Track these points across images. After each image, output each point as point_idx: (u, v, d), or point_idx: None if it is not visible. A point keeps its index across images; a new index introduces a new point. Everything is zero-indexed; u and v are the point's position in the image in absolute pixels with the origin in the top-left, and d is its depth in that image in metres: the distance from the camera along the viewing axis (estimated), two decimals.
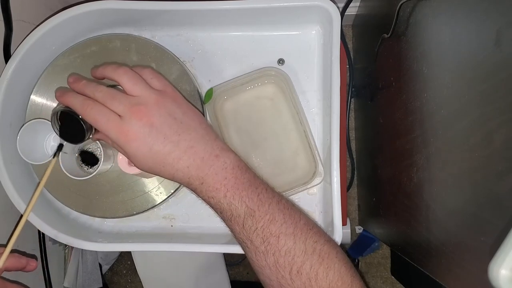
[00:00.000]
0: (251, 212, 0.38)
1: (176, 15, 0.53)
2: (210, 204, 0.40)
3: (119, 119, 0.38)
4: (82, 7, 0.50)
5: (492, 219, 0.32)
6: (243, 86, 0.54)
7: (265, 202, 0.39)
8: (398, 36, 0.55)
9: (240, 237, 0.40)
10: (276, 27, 0.55)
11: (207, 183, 0.39)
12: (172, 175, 0.40)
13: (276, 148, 0.54)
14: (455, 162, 0.40)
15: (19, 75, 0.51)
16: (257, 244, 0.38)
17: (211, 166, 0.39)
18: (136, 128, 0.38)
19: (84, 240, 0.51)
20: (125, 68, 0.40)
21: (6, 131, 0.50)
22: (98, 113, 0.38)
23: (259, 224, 0.38)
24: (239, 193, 0.39)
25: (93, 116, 0.38)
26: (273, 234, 0.38)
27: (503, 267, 0.25)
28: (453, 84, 0.39)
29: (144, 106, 0.38)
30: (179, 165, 0.39)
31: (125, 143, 0.38)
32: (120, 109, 0.38)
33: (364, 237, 1.01)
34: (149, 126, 0.38)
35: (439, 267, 0.46)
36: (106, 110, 0.38)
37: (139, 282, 0.74)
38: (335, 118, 0.49)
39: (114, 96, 0.39)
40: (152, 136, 0.38)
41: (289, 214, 0.39)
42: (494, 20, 0.31)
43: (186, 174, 0.39)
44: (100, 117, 0.38)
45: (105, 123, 0.38)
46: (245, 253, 0.41)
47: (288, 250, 0.38)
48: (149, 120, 0.38)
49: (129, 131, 0.38)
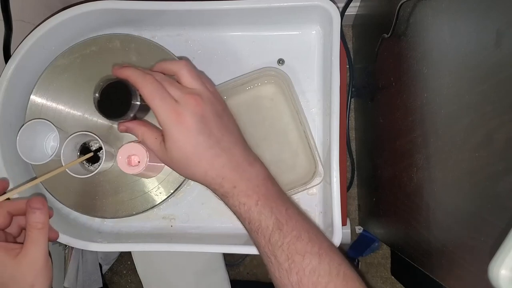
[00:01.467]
0: (280, 226, 0.38)
1: (176, 15, 0.53)
2: (239, 212, 0.40)
3: (174, 101, 0.39)
4: (82, 7, 0.50)
5: (492, 219, 0.32)
6: (243, 86, 0.54)
7: (292, 217, 0.39)
8: (398, 36, 0.55)
9: (264, 251, 0.39)
10: (276, 27, 0.55)
11: (240, 187, 0.39)
12: (205, 173, 0.39)
13: (276, 148, 0.54)
14: (455, 162, 0.40)
15: (19, 75, 0.51)
16: (281, 260, 0.38)
17: (245, 171, 0.40)
18: (189, 113, 0.38)
19: (84, 240, 0.51)
20: (186, 62, 0.41)
21: (6, 131, 0.50)
22: (156, 89, 0.39)
23: (285, 239, 0.38)
24: (270, 204, 0.39)
25: (150, 90, 0.38)
26: (298, 252, 0.38)
27: (503, 267, 0.25)
28: (453, 84, 0.39)
29: (200, 97, 0.39)
30: (215, 163, 0.39)
31: (174, 124, 0.38)
32: (177, 93, 0.39)
33: (364, 237, 1.01)
34: (200, 116, 0.39)
35: (439, 267, 0.46)
36: (164, 90, 0.39)
37: (139, 282, 0.74)
38: (335, 118, 0.48)
39: (172, 82, 0.40)
40: (201, 126, 0.39)
41: (315, 233, 0.39)
42: (494, 20, 0.31)
43: (220, 174, 0.39)
44: (156, 94, 0.38)
45: (160, 100, 0.38)
46: (267, 268, 0.41)
47: (313, 269, 0.37)
48: (201, 110, 0.39)
49: (182, 113, 0.38)
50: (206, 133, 0.39)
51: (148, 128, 0.42)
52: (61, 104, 0.51)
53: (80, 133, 0.48)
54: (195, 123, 0.38)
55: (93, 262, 0.97)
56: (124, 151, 0.46)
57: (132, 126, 0.43)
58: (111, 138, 0.52)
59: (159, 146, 0.41)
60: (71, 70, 0.51)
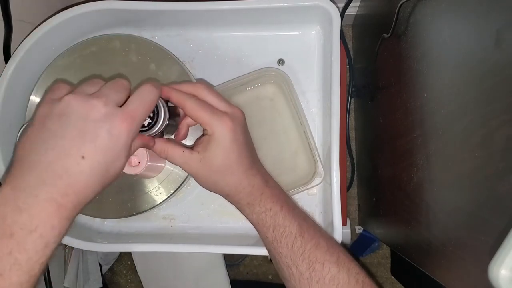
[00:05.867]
0: (302, 232, 0.39)
1: (176, 15, 0.53)
2: (264, 220, 0.40)
3: (222, 112, 0.40)
4: (82, 7, 0.50)
5: (492, 219, 0.32)
6: (243, 86, 0.54)
7: (310, 226, 0.41)
8: (398, 36, 0.55)
9: (285, 262, 0.40)
10: (276, 27, 0.55)
11: (266, 193, 0.41)
12: (239, 181, 0.40)
13: (276, 148, 0.54)
14: (455, 162, 0.40)
15: (19, 75, 0.50)
16: (302, 270, 0.39)
17: (268, 180, 0.42)
18: (238, 123, 0.40)
19: (84, 240, 0.51)
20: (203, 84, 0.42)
21: (6, 131, 0.50)
22: (202, 103, 0.39)
23: (306, 246, 0.39)
24: (291, 211, 0.40)
25: (197, 104, 0.39)
26: (318, 260, 0.38)
27: (503, 267, 0.25)
28: (453, 84, 0.39)
29: (240, 111, 0.41)
30: (249, 172, 0.41)
31: (226, 132, 0.39)
32: (223, 105, 0.40)
33: (364, 237, 1.01)
34: (244, 128, 0.41)
35: (439, 267, 0.46)
36: (209, 104, 0.40)
37: (139, 282, 0.74)
38: (335, 118, 0.48)
39: (217, 95, 0.41)
40: (245, 136, 0.41)
41: (331, 243, 0.40)
42: (494, 20, 0.31)
43: (251, 182, 0.41)
44: (204, 106, 0.39)
45: (210, 111, 0.39)
46: (285, 281, 0.41)
47: (332, 278, 0.38)
48: (244, 122, 0.41)
49: (232, 123, 0.39)
50: (247, 143, 0.41)
51: (172, 144, 0.41)
52: None
53: None
54: (243, 133, 0.40)
55: (93, 262, 0.97)
56: None
57: (158, 145, 0.41)
58: None
59: (190, 157, 0.40)
60: (71, 70, 0.51)
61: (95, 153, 0.31)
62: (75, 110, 0.32)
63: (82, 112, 0.31)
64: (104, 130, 0.31)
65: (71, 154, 0.31)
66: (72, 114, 0.31)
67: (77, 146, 0.31)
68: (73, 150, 0.31)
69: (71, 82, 0.51)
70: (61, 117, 0.31)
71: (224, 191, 0.41)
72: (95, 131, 0.31)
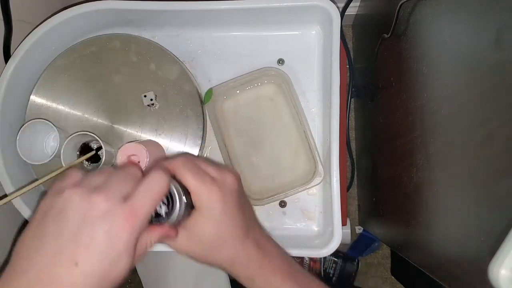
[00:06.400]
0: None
1: (176, 15, 0.53)
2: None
3: (212, 179, 0.36)
4: (82, 7, 0.50)
5: (492, 219, 0.32)
6: (243, 86, 0.54)
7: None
8: (398, 36, 0.55)
9: None
10: (276, 27, 0.55)
11: (265, 267, 0.38)
12: (235, 253, 0.37)
13: (276, 148, 0.54)
14: (455, 162, 0.40)
15: (19, 75, 0.50)
16: None
17: (266, 249, 0.39)
18: (229, 192, 0.37)
19: None
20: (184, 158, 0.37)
21: (6, 131, 0.50)
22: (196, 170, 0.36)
23: None
24: (294, 279, 0.38)
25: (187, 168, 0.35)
26: None
27: (503, 267, 0.25)
28: (453, 84, 0.39)
29: (234, 176, 0.38)
30: (246, 240, 0.37)
31: (215, 202, 0.36)
32: (214, 172, 0.37)
33: (364, 237, 1.01)
34: (238, 196, 0.38)
35: (439, 267, 0.46)
36: (201, 169, 0.37)
37: (139, 282, 0.74)
38: (335, 118, 0.48)
39: (205, 161, 0.38)
40: (238, 206, 0.37)
41: None
42: (494, 20, 0.31)
43: (247, 252, 0.38)
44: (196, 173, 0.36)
45: (201, 179, 0.36)
46: None
47: None
48: (237, 190, 0.38)
49: (223, 192, 0.36)
50: (241, 210, 0.37)
51: (152, 230, 0.35)
52: (61, 104, 0.51)
53: (80, 133, 0.48)
54: (234, 201, 0.37)
55: None
56: (124, 151, 0.46)
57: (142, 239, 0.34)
58: (111, 138, 0.51)
59: (179, 235, 0.36)
60: (71, 70, 0.51)
61: (90, 258, 0.28)
62: (74, 207, 0.29)
63: (80, 210, 0.28)
64: (102, 231, 0.28)
65: (62, 261, 0.27)
66: (70, 212, 0.28)
67: (70, 251, 0.27)
68: (65, 256, 0.27)
69: (71, 82, 0.51)
70: (59, 215, 0.29)
71: (222, 265, 0.38)
72: (92, 233, 0.28)
